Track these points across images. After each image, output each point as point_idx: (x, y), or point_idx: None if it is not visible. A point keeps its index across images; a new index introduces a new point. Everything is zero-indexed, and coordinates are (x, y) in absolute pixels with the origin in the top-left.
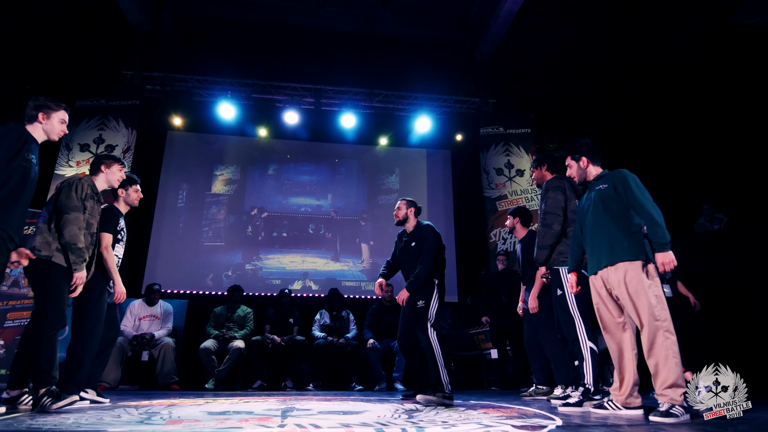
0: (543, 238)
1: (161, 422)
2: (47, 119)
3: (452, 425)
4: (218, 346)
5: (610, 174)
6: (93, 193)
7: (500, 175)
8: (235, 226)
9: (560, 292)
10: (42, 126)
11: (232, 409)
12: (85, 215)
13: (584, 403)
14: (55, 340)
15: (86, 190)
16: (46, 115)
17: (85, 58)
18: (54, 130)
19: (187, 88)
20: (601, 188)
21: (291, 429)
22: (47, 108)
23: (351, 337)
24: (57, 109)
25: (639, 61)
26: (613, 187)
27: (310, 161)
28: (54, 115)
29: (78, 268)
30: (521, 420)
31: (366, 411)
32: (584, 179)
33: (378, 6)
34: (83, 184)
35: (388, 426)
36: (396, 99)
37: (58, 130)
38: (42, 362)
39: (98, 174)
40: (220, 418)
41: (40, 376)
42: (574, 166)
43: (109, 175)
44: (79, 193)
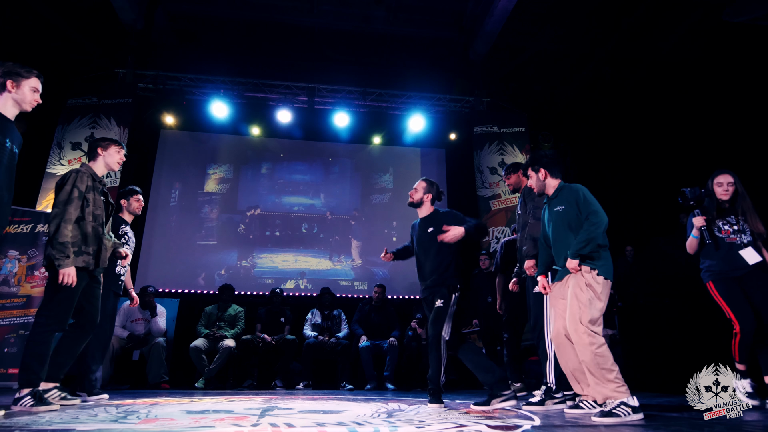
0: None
1: (135, 421)
2: (17, 88)
3: (428, 424)
4: (208, 345)
5: (565, 189)
6: (94, 182)
7: (494, 174)
8: (228, 225)
9: (537, 290)
10: (12, 95)
11: (214, 408)
12: (89, 208)
13: (546, 401)
14: (49, 341)
15: (86, 182)
16: (16, 83)
17: (78, 57)
18: (26, 99)
19: (179, 86)
20: (558, 210)
21: (263, 428)
22: (17, 75)
23: (342, 336)
24: (28, 76)
25: (633, 61)
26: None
27: (303, 160)
28: (25, 83)
29: (61, 264)
30: (499, 420)
31: (347, 410)
32: (542, 191)
33: (373, 5)
34: (81, 176)
35: (363, 425)
36: (390, 98)
37: (30, 99)
38: (32, 362)
39: (96, 159)
40: (196, 417)
41: (26, 375)
42: (533, 177)
43: (107, 158)
44: (76, 186)
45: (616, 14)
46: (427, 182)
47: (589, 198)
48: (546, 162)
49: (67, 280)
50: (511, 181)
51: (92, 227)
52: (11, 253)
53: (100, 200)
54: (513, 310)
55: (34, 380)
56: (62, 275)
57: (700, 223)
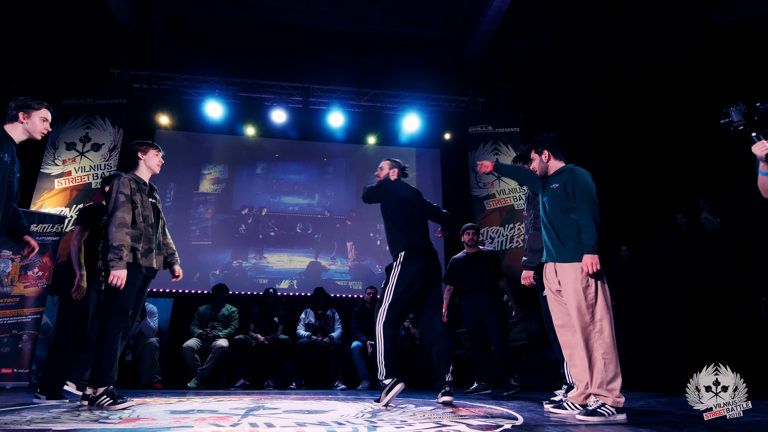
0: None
1: (116, 421)
2: (28, 118)
3: (408, 424)
4: (201, 344)
5: (566, 171)
6: (138, 185)
7: (488, 174)
8: (223, 225)
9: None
10: (23, 125)
11: (199, 407)
12: (138, 209)
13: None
14: (117, 341)
15: (130, 185)
16: (27, 114)
17: (72, 57)
18: (36, 128)
19: (174, 86)
20: (553, 188)
21: (243, 428)
22: (28, 107)
23: (336, 337)
24: (38, 107)
25: (627, 61)
26: (563, 187)
27: (298, 160)
28: (35, 114)
29: (114, 265)
30: (483, 419)
31: (333, 410)
32: (545, 173)
33: (368, 5)
34: (125, 181)
35: (343, 425)
36: (385, 98)
37: (40, 128)
38: (102, 362)
39: (138, 165)
40: (178, 417)
41: (99, 375)
42: (536, 159)
43: (148, 162)
44: (121, 191)
45: (610, 14)
46: (390, 161)
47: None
48: (550, 144)
49: (116, 282)
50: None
51: (143, 227)
52: (4, 253)
53: (147, 202)
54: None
55: (107, 380)
56: (112, 276)
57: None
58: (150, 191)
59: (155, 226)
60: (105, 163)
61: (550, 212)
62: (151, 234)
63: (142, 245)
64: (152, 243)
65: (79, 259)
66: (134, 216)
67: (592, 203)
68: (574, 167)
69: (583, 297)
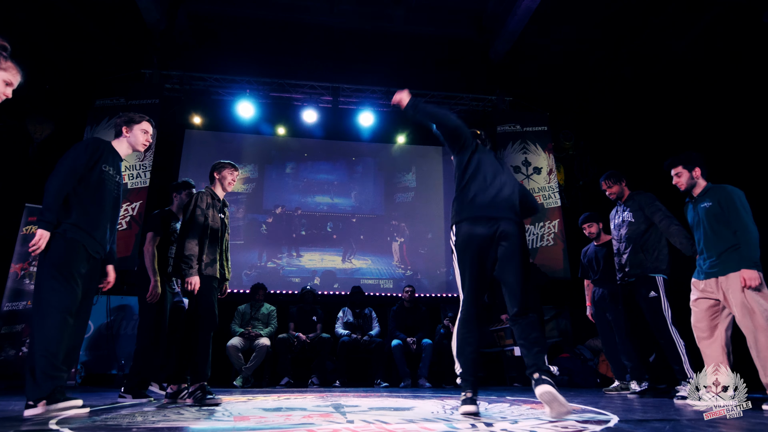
0: (682, 235)
1: (229, 418)
2: (130, 132)
3: (513, 421)
4: (244, 343)
5: (714, 188)
6: (213, 200)
7: (518, 173)
8: (254, 225)
9: (654, 295)
10: (127, 139)
11: (286, 405)
12: (207, 222)
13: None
14: (208, 341)
15: (206, 200)
16: (129, 128)
17: (104, 57)
18: (138, 141)
19: (205, 87)
20: (705, 206)
21: (360, 425)
22: (130, 122)
23: (374, 335)
24: (140, 121)
25: (654, 61)
26: (717, 204)
27: (327, 159)
28: (136, 127)
29: (187, 273)
30: (578, 415)
31: (414, 407)
32: (691, 188)
33: (391, 4)
34: (202, 196)
35: (459, 422)
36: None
37: (142, 140)
38: (199, 360)
39: (215, 183)
40: (281, 415)
41: (197, 371)
42: (685, 175)
43: (222, 182)
44: (198, 205)
45: (638, 15)
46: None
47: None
48: (701, 162)
49: (191, 287)
50: (614, 190)
51: (210, 239)
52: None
53: (218, 217)
54: None
55: (202, 375)
56: (188, 283)
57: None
58: (222, 207)
59: (220, 240)
60: (140, 164)
61: (705, 228)
62: (216, 246)
63: (207, 256)
64: (216, 254)
65: (153, 266)
66: (203, 229)
67: (751, 220)
68: (724, 186)
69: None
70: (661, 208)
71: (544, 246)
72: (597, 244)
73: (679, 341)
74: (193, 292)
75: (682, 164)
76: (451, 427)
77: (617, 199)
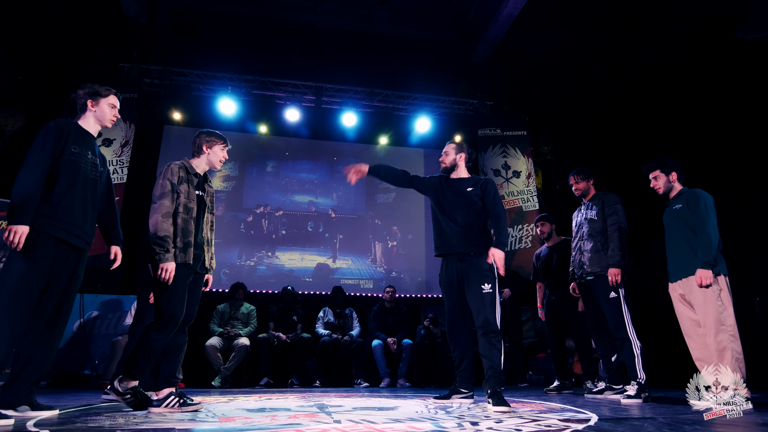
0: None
1: (214, 419)
2: (96, 105)
3: (497, 420)
4: (223, 343)
5: (687, 192)
6: (188, 175)
7: (497, 176)
8: (233, 223)
9: (614, 295)
10: (93, 114)
11: (269, 406)
12: (180, 199)
13: (641, 395)
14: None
15: (178, 173)
16: (95, 102)
17: (81, 49)
18: (105, 116)
19: (186, 82)
20: (676, 208)
21: (348, 426)
22: (96, 94)
23: (355, 335)
24: (107, 94)
25: (630, 69)
26: (686, 205)
27: (308, 159)
28: (103, 101)
29: (161, 258)
30: (558, 414)
31: (398, 407)
32: (668, 192)
33: (376, 6)
34: (174, 168)
35: (445, 421)
36: (396, 99)
37: (109, 115)
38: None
39: (200, 155)
40: (265, 416)
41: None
42: (662, 178)
43: (211, 156)
44: (169, 178)
45: (618, 24)
46: (455, 144)
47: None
48: (678, 167)
49: (165, 276)
50: (580, 186)
51: (183, 219)
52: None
53: (194, 193)
54: None
55: (173, 382)
56: (160, 269)
57: None
58: (200, 183)
59: (198, 221)
60: (117, 159)
61: (673, 233)
62: (191, 228)
63: (180, 239)
64: (190, 237)
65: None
66: (176, 207)
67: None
68: (695, 189)
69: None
70: (618, 211)
71: (522, 248)
72: (549, 245)
73: (636, 342)
74: (167, 282)
75: (659, 168)
76: (437, 426)
77: (581, 196)
